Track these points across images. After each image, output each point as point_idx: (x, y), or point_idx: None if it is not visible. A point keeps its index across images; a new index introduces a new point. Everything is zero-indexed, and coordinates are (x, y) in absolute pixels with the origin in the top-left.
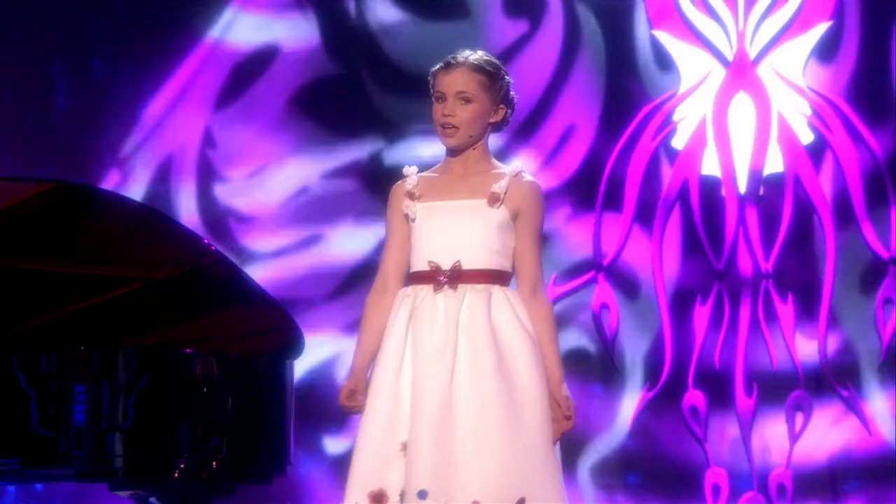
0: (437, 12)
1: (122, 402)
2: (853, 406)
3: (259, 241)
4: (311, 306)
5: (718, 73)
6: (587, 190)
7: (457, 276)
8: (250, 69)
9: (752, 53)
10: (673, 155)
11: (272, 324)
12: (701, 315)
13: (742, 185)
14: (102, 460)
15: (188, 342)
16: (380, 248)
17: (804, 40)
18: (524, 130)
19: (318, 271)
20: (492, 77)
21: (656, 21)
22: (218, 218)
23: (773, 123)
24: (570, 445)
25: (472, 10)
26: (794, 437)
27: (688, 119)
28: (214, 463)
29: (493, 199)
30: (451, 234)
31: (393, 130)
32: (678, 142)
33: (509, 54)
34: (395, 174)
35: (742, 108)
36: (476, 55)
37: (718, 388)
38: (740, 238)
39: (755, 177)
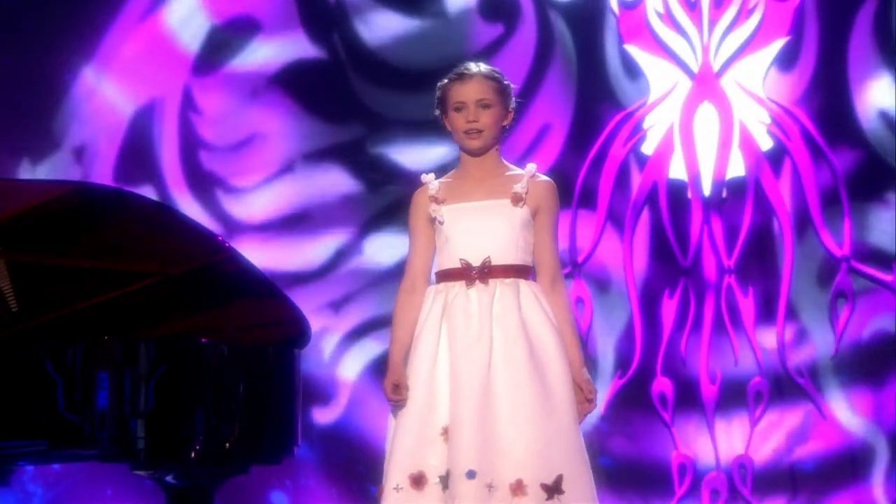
0: (416, 9)
1: (142, 388)
2: (809, 393)
3: (245, 213)
4: (296, 282)
5: (685, 85)
6: (562, 191)
7: (487, 272)
8: (230, 42)
9: (715, 66)
10: (643, 160)
11: (281, 316)
12: (668, 308)
13: (707, 189)
14: (124, 443)
15: (203, 333)
16: (362, 230)
17: (764, 54)
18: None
19: (304, 249)
20: (502, 84)
21: (627, 36)
22: (203, 183)
23: (735, 131)
24: None
25: (449, 10)
26: (754, 422)
27: (656, 127)
28: (227, 445)
29: (517, 199)
30: (479, 232)
31: (375, 119)
32: (648, 148)
33: (485, 55)
34: (378, 161)
35: (706, 117)
36: (484, 66)
37: (684, 377)
38: (705, 238)
39: (719, 181)
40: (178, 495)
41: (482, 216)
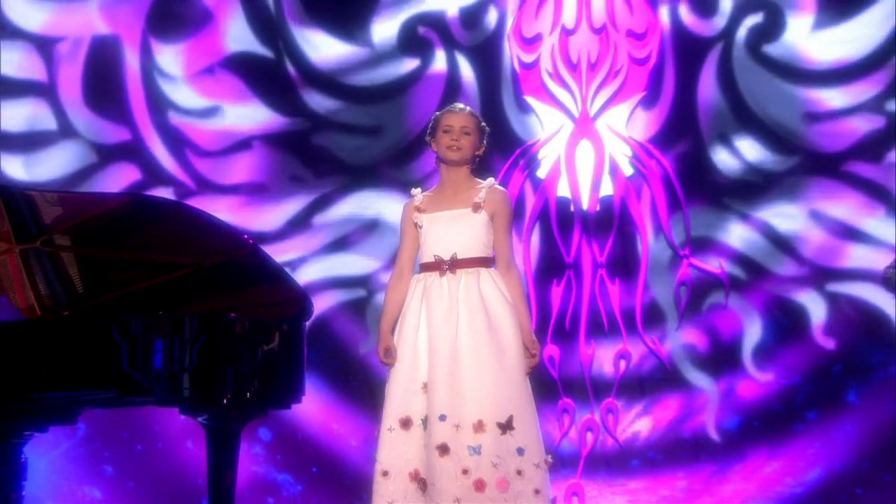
0: (350, 38)
1: (187, 352)
2: (657, 353)
3: (215, 176)
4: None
5: (569, 126)
6: None
7: (455, 264)
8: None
9: (591, 112)
10: (537, 182)
11: (290, 296)
12: (556, 292)
13: (585, 204)
14: (174, 392)
15: (230, 310)
16: (310, 208)
17: (627, 104)
18: (413, 148)
19: (261, 216)
20: (479, 123)
21: (526, 89)
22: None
23: (605, 161)
24: None
25: (375, 42)
26: (619, 375)
27: (548, 157)
28: (249, 395)
29: (476, 207)
30: (447, 235)
31: (318, 118)
32: (541, 173)
33: (402, 83)
34: (319, 151)
35: (585, 151)
36: (469, 108)
37: (568, 343)
38: (583, 241)
39: (593, 198)
40: (214, 432)
41: (450, 222)
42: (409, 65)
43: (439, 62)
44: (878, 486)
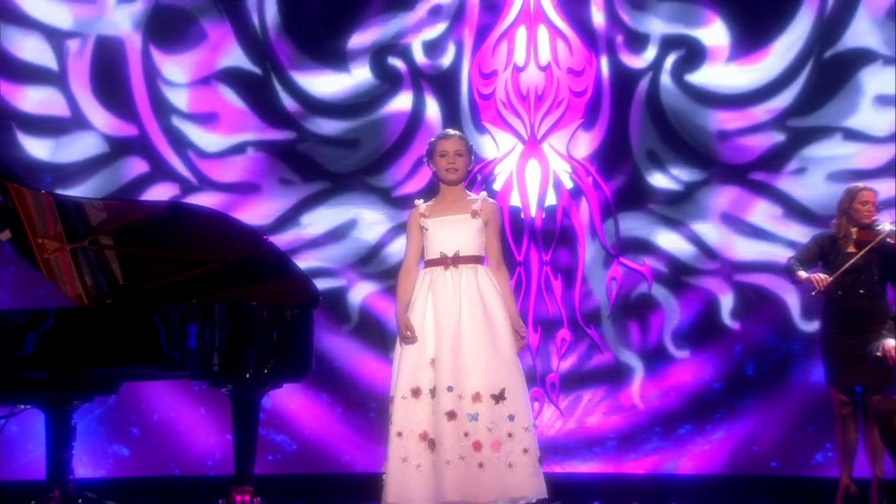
0: (330, 63)
1: (217, 334)
2: (593, 338)
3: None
4: None
5: (519, 148)
6: None
7: (457, 260)
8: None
9: (538, 136)
10: (493, 194)
11: (300, 288)
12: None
13: (533, 212)
14: (206, 368)
15: (252, 299)
16: (298, 207)
17: (567, 130)
18: (385, 159)
19: (252, 212)
20: (468, 144)
21: (483, 117)
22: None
23: (550, 177)
24: None
25: (351, 68)
26: (560, 356)
27: (502, 173)
28: (266, 370)
29: (474, 214)
30: (450, 236)
31: (300, 126)
32: (497, 186)
33: (375, 104)
34: (306, 160)
35: (533, 168)
36: (458, 132)
37: None
38: (532, 243)
39: (540, 208)
40: (237, 401)
41: (453, 225)
42: (381, 89)
43: (406, 87)
44: (772, 443)
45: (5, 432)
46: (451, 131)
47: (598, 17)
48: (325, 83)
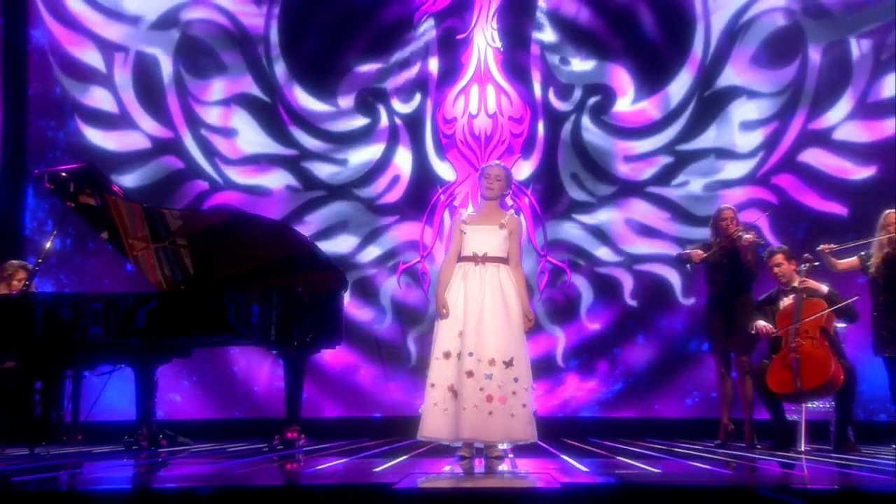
0: (322, 97)
1: (272, 312)
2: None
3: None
4: None
5: (474, 174)
6: (414, 212)
7: (485, 259)
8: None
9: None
10: (453, 209)
11: (333, 276)
12: None
13: None
14: (265, 338)
15: (297, 285)
16: (300, 208)
17: (510, 161)
18: (369, 176)
19: (268, 213)
20: (508, 174)
21: (447, 153)
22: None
23: None
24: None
25: (339, 102)
26: None
27: (461, 193)
28: (308, 339)
29: (501, 226)
30: (482, 241)
31: (301, 146)
32: (457, 202)
33: (360, 132)
34: (306, 171)
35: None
36: (502, 164)
37: None
38: None
39: None
40: (288, 362)
41: (484, 233)
42: (363, 121)
43: (383, 121)
44: (659, 394)
45: (107, 387)
46: (495, 161)
47: (535, 75)
48: (320, 115)
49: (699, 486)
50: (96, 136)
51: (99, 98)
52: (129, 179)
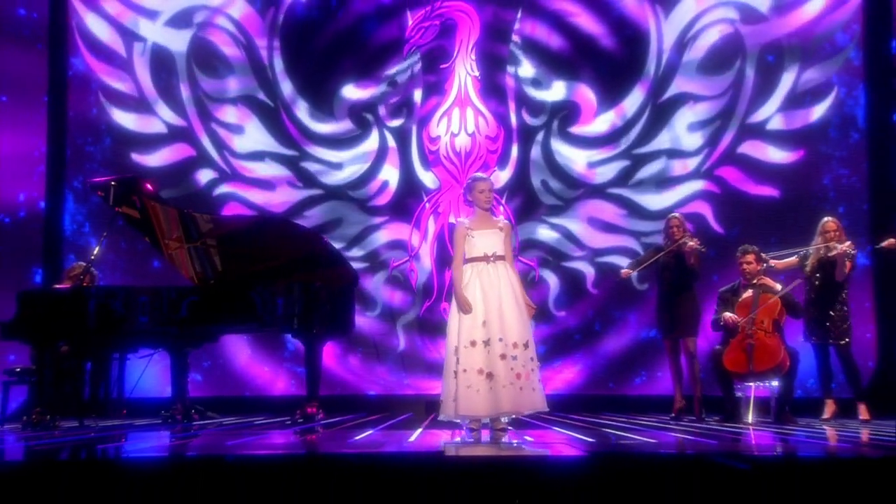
0: (321, 112)
1: (294, 304)
2: None
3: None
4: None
5: (457, 188)
6: (401, 213)
7: (494, 258)
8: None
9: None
10: (438, 215)
11: (345, 272)
12: (447, 275)
13: None
14: (289, 326)
15: (314, 280)
16: (301, 205)
17: (486, 173)
18: (362, 179)
19: (271, 207)
20: (493, 185)
21: (432, 166)
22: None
23: None
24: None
25: (335, 114)
26: None
27: (444, 202)
28: (325, 328)
29: (500, 229)
30: (488, 243)
31: (302, 150)
32: (440, 209)
33: (353, 139)
34: (304, 171)
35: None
36: (489, 177)
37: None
38: None
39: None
40: (307, 347)
41: (489, 236)
42: (356, 131)
43: (374, 132)
44: (618, 377)
45: (147, 368)
46: (484, 175)
47: (510, 95)
48: (317, 123)
49: (704, 456)
50: (119, 115)
51: (119, 79)
52: (144, 161)
